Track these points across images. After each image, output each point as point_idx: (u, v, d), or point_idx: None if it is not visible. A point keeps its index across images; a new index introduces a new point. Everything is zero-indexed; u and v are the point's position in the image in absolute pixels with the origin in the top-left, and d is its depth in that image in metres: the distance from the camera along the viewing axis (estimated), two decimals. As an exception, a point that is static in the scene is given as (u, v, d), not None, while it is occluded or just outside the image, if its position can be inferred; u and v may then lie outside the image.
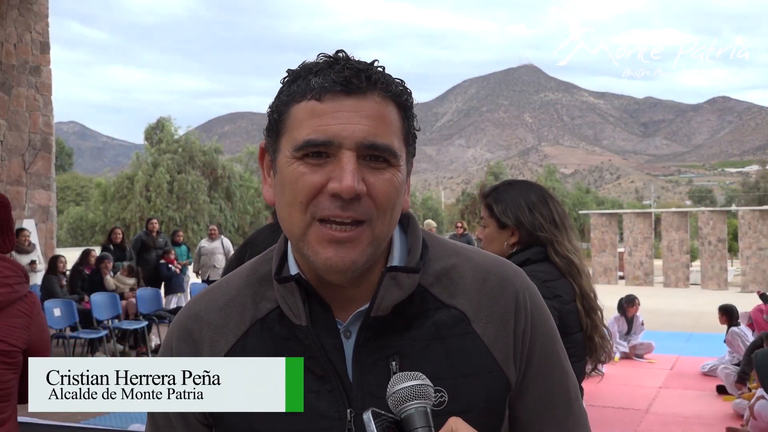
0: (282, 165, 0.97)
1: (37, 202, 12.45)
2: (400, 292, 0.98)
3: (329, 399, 0.97)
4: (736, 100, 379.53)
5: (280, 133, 0.98)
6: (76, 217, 51.49)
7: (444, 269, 1.04)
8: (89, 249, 11.14)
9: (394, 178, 0.96)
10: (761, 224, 25.95)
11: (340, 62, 0.96)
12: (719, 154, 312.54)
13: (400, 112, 0.98)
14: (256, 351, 1.00)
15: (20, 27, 12.36)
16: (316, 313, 0.99)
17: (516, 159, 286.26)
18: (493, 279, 1.04)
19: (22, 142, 12.22)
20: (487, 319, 1.01)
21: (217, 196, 46.52)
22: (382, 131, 0.94)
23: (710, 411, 6.97)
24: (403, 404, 0.86)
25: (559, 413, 1.07)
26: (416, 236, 1.05)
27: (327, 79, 0.94)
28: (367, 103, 0.94)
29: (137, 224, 39.01)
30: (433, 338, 0.99)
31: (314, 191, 0.93)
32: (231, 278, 1.10)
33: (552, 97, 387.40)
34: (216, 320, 1.04)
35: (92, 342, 9.17)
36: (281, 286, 1.00)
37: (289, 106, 0.97)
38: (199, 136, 52.37)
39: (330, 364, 0.97)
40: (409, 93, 1.00)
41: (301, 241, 0.96)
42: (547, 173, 68.80)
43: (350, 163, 0.92)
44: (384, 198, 0.94)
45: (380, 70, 0.97)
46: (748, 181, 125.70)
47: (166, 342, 1.09)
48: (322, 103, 0.94)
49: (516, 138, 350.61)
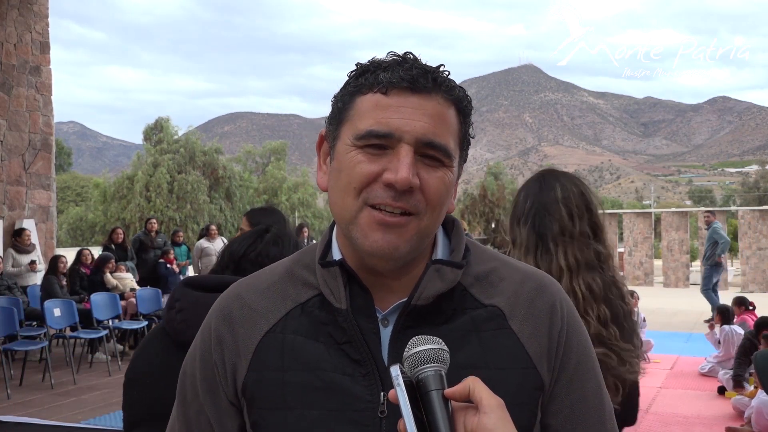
0: (341, 152, 1.00)
1: (37, 202, 12.45)
2: (442, 284, 1.01)
3: (363, 383, 0.99)
4: (736, 100, 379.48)
5: (342, 122, 1.01)
6: (76, 217, 51.49)
7: (484, 272, 1.07)
8: (83, 249, 11.14)
9: (446, 177, 0.99)
10: (761, 224, 25.94)
11: (408, 62, 0.99)
12: (719, 154, 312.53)
13: (459, 116, 1.02)
14: (295, 333, 1.03)
15: (20, 27, 12.36)
16: (357, 298, 1.02)
17: (516, 159, 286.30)
18: (530, 284, 1.07)
19: (22, 142, 12.22)
20: (523, 317, 1.04)
21: (217, 196, 46.54)
22: (441, 131, 0.98)
23: (710, 411, 6.97)
24: (419, 366, 0.86)
25: (591, 427, 1.06)
26: (460, 238, 1.09)
27: (395, 75, 0.97)
28: (430, 103, 0.98)
29: (137, 224, 38.99)
30: (469, 330, 1.02)
31: (369, 179, 0.97)
32: (275, 265, 1.14)
33: (552, 97, 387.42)
34: (257, 302, 1.07)
35: (92, 342, 9.17)
36: (324, 270, 1.03)
37: (355, 96, 1.00)
38: (199, 136, 52.36)
39: (366, 347, 1.00)
40: (469, 100, 1.04)
41: (351, 224, 0.99)
42: (547, 173, 68.62)
43: (407, 157, 0.95)
44: (435, 194, 0.98)
45: (445, 73, 1.01)
46: (748, 181, 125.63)
47: (207, 320, 1.11)
48: (388, 97, 0.97)
49: (516, 138, 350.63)
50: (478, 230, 56.85)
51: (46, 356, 8.00)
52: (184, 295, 1.82)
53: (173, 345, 1.78)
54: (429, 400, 0.84)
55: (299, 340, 1.02)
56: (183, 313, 1.78)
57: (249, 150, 61.94)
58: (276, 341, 1.03)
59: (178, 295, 1.84)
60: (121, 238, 11.53)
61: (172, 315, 1.80)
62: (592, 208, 2.07)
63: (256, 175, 55.67)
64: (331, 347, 1.01)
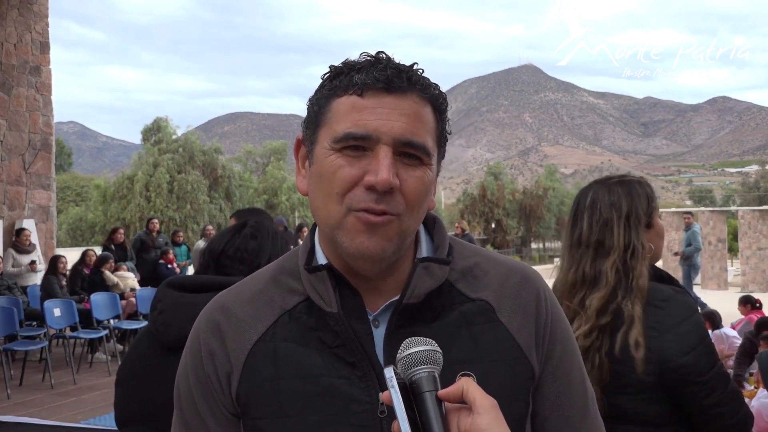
0: (319, 156, 1.01)
1: (37, 202, 12.44)
2: (431, 281, 1.02)
3: (360, 385, 0.99)
4: (736, 100, 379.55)
5: (319, 125, 1.02)
6: (76, 218, 51.44)
7: (468, 267, 1.08)
8: (88, 249, 11.14)
9: (425, 176, 1.00)
10: (761, 224, 25.95)
11: (382, 62, 1.00)
12: (719, 154, 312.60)
13: (435, 114, 1.02)
14: (285, 340, 1.03)
15: (20, 27, 12.36)
16: (347, 300, 1.02)
17: (516, 159, 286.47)
18: (514, 276, 1.09)
19: (22, 142, 12.22)
20: (510, 309, 1.06)
21: (217, 196, 46.52)
22: (418, 130, 0.98)
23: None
24: (412, 368, 0.86)
25: (576, 414, 1.10)
26: (443, 235, 1.10)
27: (370, 77, 0.97)
28: (405, 102, 0.98)
29: (137, 224, 38.99)
30: (460, 325, 1.03)
31: (351, 183, 0.97)
32: (257, 274, 1.13)
33: (552, 97, 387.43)
34: (243, 312, 1.07)
35: (92, 342, 9.17)
36: (312, 276, 1.03)
37: (330, 99, 1.00)
38: (199, 136, 52.37)
39: (362, 349, 1.00)
40: (444, 97, 1.04)
41: (337, 229, 0.99)
42: (547, 173, 68.64)
43: (387, 158, 0.96)
44: (414, 195, 0.99)
45: (420, 72, 1.01)
46: (748, 181, 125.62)
47: (194, 335, 1.10)
48: (364, 98, 0.98)
49: (516, 138, 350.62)
50: (477, 230, 56.85)
51: (46, 356, 8.00)
52: (165, 295, 1.82)
53: (158, 346, 1.78)
54: (423, 402, 0.84)
55: (291, 347, 1.02)
56: (164, 315, 1.78)
57: (250, 150, 61.96)
58: (267, 349, 1.03)
59: (159, 295, 1.84)
60: (121, 238, 11.53)
61: (154, 316, 1.81)
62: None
63: (257, 175, 55.68)
64: (323, 352, 1.01)
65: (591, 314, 1.85)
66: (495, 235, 58.56)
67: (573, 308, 1.89)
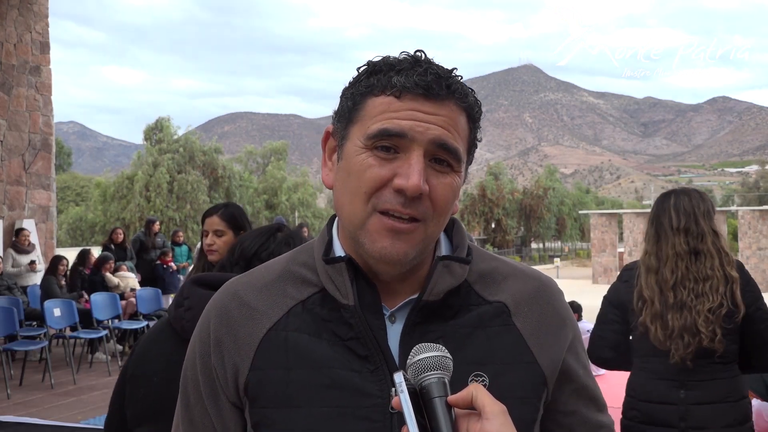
0: (350, 153, 1.00)
1: (37, 202, 12.44)
2: (452, 279, 1.03)
3: (372, 379, 0.99)
4: (736, 100, 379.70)
5: (352, 121, 1.01)
6: (76, 217, 51.41)
7: (486, 270, 1.09)
8: (87, 249, 11.13)
9: (454, 182, 1.00)
10: (761, 224, 25.96)
11: (422, 64, 0.99)
12: (719, 154, 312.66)
13: (469, 122, 1.02)
14: (298, 331, 1.02)
15: (20, 27, 12.35)
16: (364, 293, 1.02)
17: (516, 159, 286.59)
18: (532, 282, 1.10)
19: (22, 142, 12.22)
20: (526, 314, 1.07)
21: (217, 196, 46.50)
22: (453, 137, 0.98)
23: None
24: (423, 374, 0.86)
25: (593, 417, 1.12)
26: (462, 236, 1.10)
27: (410, 80, 0.96)
28: (443, 109, 0.98)
29: (137, 224, 38.99)
30: (476, 326, 1.04)
31: (379, 184, 0.96)
32: (270, 264, 1.13)
33: (552, 97, 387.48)
34: (256, 300, 1.06)
35: (92, 342, 9.17)
36: (329, 267, 1.03)
37: (366, 97, 0.99)
38: (198, 136, 52.38)
39: (375, 342, 0.99)
40: (479, 105, 1.04)
41: (360, 228, 0.99)
42: (547, 173, 68.67)
43: (418, 163, 0.95)
44: (442, 202, 0.99)
45: (459, 79, 1.01)
46: (748, 181, 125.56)
47: (204, 321, 1.09)
48: (401, 101, 0.97)
49: (516, 138, 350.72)
50: (477, 230, 56.85)
51: (46, 356, 8.01)
52: (192, 293, 1.81)
53: (181, 343, 1.78)
54: (432, 407, 0.84)
55: (303, 338, 1.02)
56: (191, 312, 1.77)
57: (250, 150, 61.98)
58: (279, 339, 1.02)
59: (186, 293, 1.83)
60: (121, 238, 11.52)
61: (181, 313, 1.80)
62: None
63: (257, 175, 55.69)
64: (335, 344, 1.01)
65: (720, 276, 2.57)
66: (495, 235, 58.58)
67: (680, 272, 2.59)
